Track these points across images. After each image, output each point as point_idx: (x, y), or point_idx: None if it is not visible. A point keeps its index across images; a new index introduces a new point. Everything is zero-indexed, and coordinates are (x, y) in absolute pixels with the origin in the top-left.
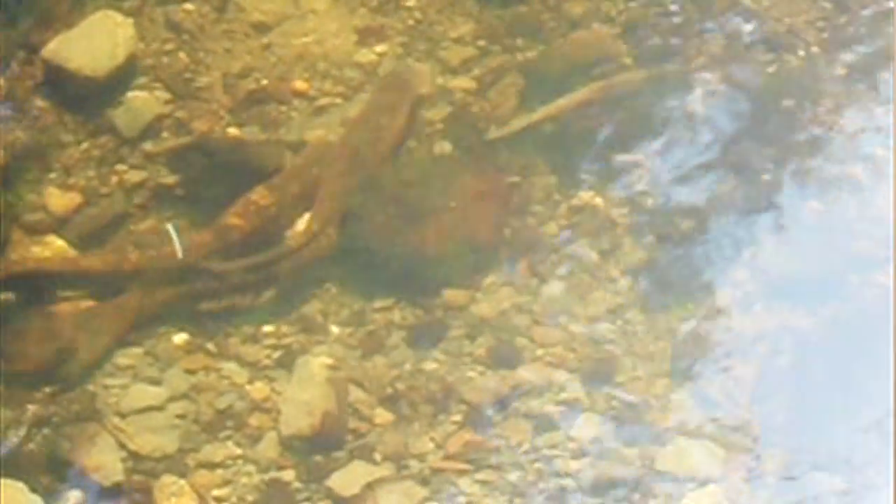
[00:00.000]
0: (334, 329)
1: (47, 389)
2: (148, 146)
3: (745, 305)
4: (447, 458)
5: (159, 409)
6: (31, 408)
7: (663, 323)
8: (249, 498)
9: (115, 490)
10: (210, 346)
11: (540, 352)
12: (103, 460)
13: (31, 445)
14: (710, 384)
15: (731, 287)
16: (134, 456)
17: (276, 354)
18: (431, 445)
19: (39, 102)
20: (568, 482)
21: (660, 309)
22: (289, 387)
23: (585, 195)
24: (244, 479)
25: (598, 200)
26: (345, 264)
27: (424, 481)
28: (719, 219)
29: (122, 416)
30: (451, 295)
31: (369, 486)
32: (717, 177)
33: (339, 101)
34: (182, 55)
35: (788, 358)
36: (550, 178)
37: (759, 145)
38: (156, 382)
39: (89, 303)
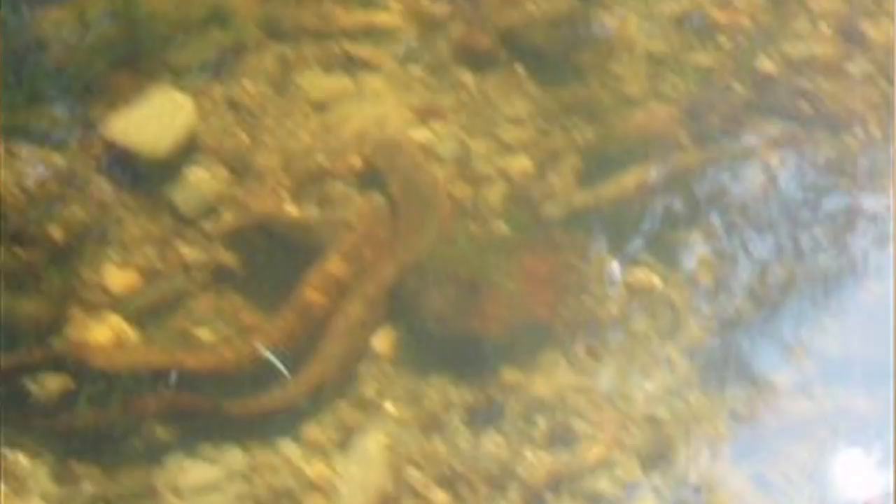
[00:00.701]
0: (390, 408)
1: (103, 465)
2: (207, 225)
3: (804, 387)
4: None
5: (216, 487)
6: (86, 484)
7: (722, 404)
8: None
9: None
10: None
11: (597, 432)
12: None
13: None
14: (768, 467)
15: (790, 369)
16: None
17: (333, 433)
18: None
19: (99, 180)
20: None
21: (718, 390)
22: (345, 466)
23: (643, 275)
24: None
25: (656, 280)
26: (401, 343)
27: None
28: (777, 300)
29: (179, 493)
30: (508, 374)
31: None
32: (775, 257)
33: None
34: (241, 134)
35: (847, 440)
36: (608, 258)
37: (817, 226)
38: (212, 460)
39: None
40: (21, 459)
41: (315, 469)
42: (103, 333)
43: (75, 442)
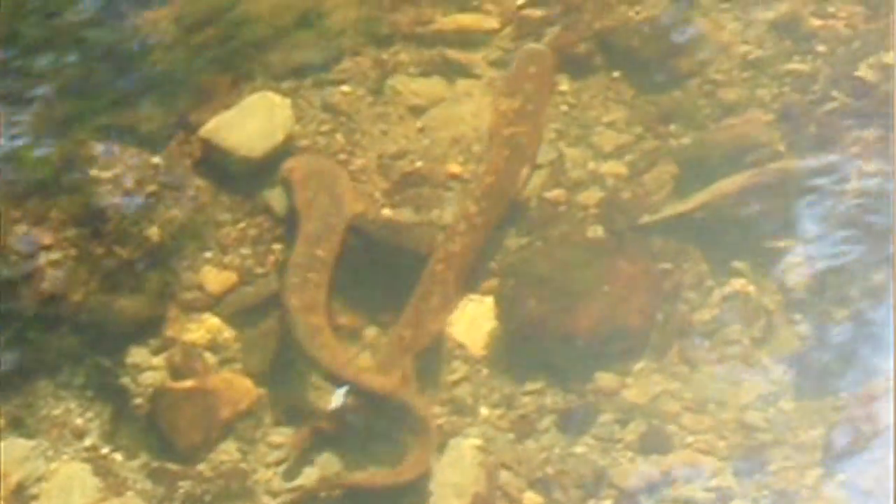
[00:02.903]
0: (484, 411)
1: (200, 467)
2: None
3: None
4: None
5: (311, 489)
6: (184, 484)
7: (816, 411)
8: None
9: None
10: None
11: (690, 438)
12: None
13: None
14: (861, 475)
15: (885, 376)
16: None
17: None
18: None
19: (197, 181)
20: None
21: (812, 397)
22: (439, 469)
23: (738, 282)
24: None
25: (751, 288)
26: (495, 347)
27: None
28: (873, 308)
29: (274, 495)
30: (603, 379)
31: None
32: (871, 266)
33: None
34: (338, 136)
35: None
36: (703, 264)
37: None
38: (308, 462)
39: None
40: None
41: None
42: (200, 334)
43: None
